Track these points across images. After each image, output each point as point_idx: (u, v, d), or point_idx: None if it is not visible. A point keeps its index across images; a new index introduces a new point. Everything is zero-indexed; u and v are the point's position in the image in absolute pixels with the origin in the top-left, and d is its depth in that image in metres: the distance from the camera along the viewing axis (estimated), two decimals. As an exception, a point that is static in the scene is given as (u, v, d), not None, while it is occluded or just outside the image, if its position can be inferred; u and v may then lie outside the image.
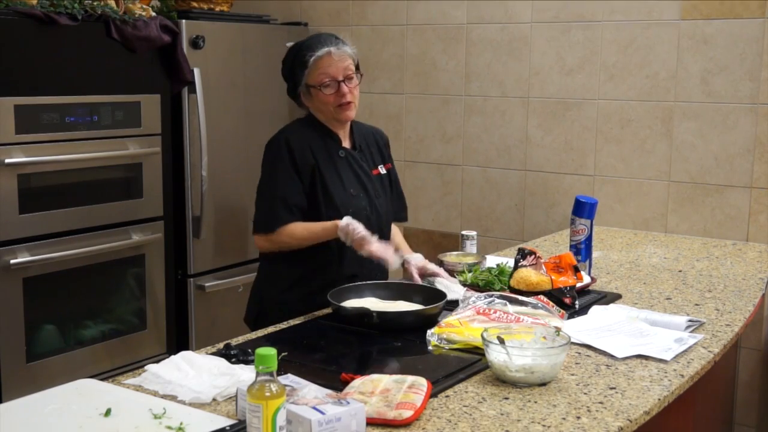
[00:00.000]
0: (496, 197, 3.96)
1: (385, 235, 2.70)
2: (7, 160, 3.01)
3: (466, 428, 1.60)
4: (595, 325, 2.19)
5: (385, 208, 2.68)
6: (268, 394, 1.41)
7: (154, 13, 3.52)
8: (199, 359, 1.87)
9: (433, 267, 2.56)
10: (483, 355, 1.89)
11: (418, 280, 2.51)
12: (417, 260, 2.57)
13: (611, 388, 1.82)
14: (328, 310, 2.33)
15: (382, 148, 2.76)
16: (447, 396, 1.76)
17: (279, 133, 2.61)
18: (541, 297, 2.27)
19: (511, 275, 2.47)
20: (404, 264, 2.58)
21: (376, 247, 2.41)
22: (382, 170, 2.71)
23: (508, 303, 2.19)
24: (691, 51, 3.43)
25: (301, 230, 2.51)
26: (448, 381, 1.83)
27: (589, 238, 2.74)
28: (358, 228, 2.41)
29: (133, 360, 3.45)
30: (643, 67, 3.54)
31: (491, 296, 2.23)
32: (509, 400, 1.74)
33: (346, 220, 2.43)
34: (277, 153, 2.54)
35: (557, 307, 2.24)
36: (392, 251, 2.45)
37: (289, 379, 1.72)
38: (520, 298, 2.24)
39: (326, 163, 2.56)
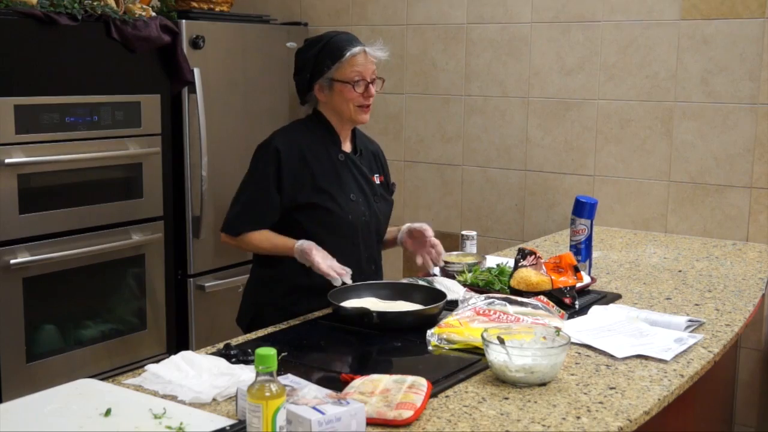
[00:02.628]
0: (496, 197, 3.96)
1: (381, 239, 2.70)
2: (7, 160, 3.01)
3: (466, 428, 1.60)
4: (595, 325, 2.19)
5: (384, 212, 2.66)
6: (268, 394, 1.41)
7: (154, 13, 3.52)
8: (199, 359, 1.87)
9: (418, 225, 2.62)
10: (483, 355, 1.89)
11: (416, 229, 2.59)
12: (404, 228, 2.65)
13: (611, 388, 1.82)
14: (328, 310, 2.33)
15: (381, 162, 2.75)
16: (447, 396, 1.76)
17: (271, 138, 2.56)
18: (541, 297, 2.27)
19: (511, 275, 2.47)
20: (405, 236, 2.64)
21: (319, 261, 2.39)
22: (377, 180, 2.68)
23: (507, 303, 2.19)
24: (691, 51, 3.43)
25: (264, 242, 2.52)
26: (448, 381, 1.83)
27: (589, 238, 2.74)
28: (312, 250, 2.40)
29: (133, 360, 3.45)
30: (643, 67, 3.54)
31: (491, 298, 2.23)
32: (509, 400, 1.74)
33: (300, 245, 2.42)
34: (263, 160, 2.51)
35: (557, 308, 2.24)
36: (334, 269, 2.40)
37: (289, 379, 1.72)
38: (520, 299, 2.24)
39: (324, 169, 2.52)
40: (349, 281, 2.37)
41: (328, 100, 2.54)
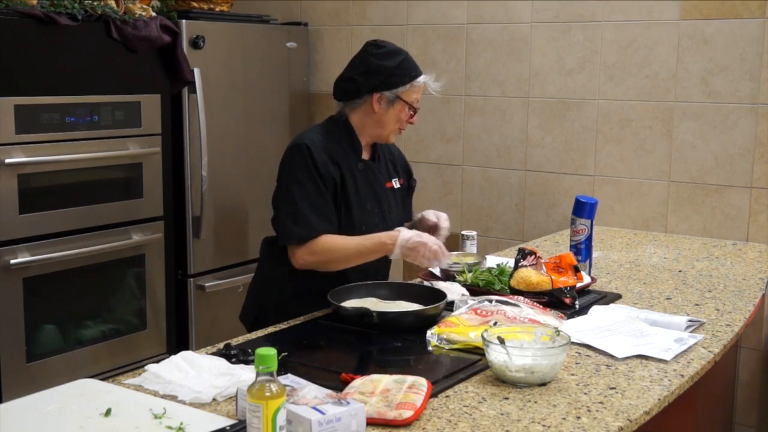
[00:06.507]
0: (496, 197, 3.96)
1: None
2: (7, 160, 3.01)
3: (466, 428, 1.60)
4: (595, 325, 2.19)
5: (396, 224, 2.61)
6: (268, 394, 1.41)
7: (154, 13, 3.52)
8: (199, 359, 1.87)
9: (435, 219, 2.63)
10: (483, 355, 1.89)
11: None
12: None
13: (611, 388, 1.82)
14: (328, 310, 2.33)
15: (399, 168, 2.72)
16: (447, 396, 1.76)
17: (299, 140, 2.49)
18: (537, 304, 2.26)
19: (511, 275, 2.47)
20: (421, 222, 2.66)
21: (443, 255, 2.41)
22: (396, 184, 2.66)
23: (507, 304, 2.19)
24: (691, 51, 3.43)
25: (348, 240, 2.41)
26: (448, 381, 1.83)
27: (589, 238, 2.74)
28: (428, 241, 2.37)
29: (133, 360, 3.45)
30: (643, 67, 3.54)
31: (491, 298, 2.23)
32: (509, 400, 1.74)
33: (407, 235, 2.37)
34: (301, 161, 2.43)
35: (555, 311, 2.24)
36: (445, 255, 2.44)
37: (289, 379, 1.72)
38: (518, 303, 2.23)
39: (347, 176, 2.49)
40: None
41: (380, 113, 2.50)
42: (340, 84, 2.56)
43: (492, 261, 2.79)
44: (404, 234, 2.38)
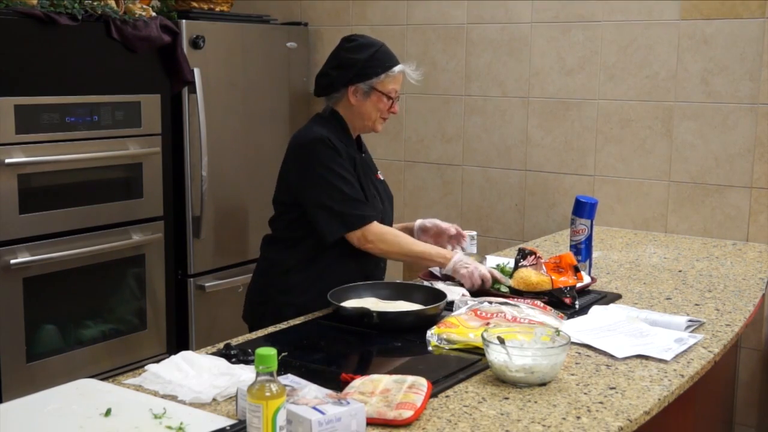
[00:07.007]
0: (496, 197, 3.96)
1: None
2: (7, 160, 3.01)
3: (466, 428, 1.60)
4: (595, 325, 2.19)
5: (389, 212, 2.68)
6: (268, 394, 1.41)
7: (154, 13, 3.52)
8: (199, 359, 1.87)
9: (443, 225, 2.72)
10: (483, 355, 1.89)
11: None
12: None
13: (611, 388, 1.82)
14: (328, 310, 2.33)
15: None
16: (447, 396, 1.76)
17: (314, 134, 2.49)
18: (537, 303, 2.26)
19: (511, 275, 2.47)
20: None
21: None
22: (381, 176, 2.71)
23: (506, 304, 2.19)
24: (691, 51, 3.43)
25: (411, 239, 2.55)
26: (448, 381, 1.83)
27: (589, 238, 2.74)
28: (480, 266, 2.47)
29: (133, 360, 3.45)
30: (643, 67, 3.54)
31: (490, 299, 2.23)
32: (509, 400, 1.74)
33: (462, 256, 2.49)
34: (330, 152, 2.45)
35: (555, 311, 2.23)
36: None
37: (289, 379, 1.72)
38: (518, 304, 2.23)
39: (356, 165, 2.53)
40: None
41: (358, 105, 2.54)
42: (317, 80, 2.61)
43: (492, 261, 2.79)
44: (460, 254, 2.52)
